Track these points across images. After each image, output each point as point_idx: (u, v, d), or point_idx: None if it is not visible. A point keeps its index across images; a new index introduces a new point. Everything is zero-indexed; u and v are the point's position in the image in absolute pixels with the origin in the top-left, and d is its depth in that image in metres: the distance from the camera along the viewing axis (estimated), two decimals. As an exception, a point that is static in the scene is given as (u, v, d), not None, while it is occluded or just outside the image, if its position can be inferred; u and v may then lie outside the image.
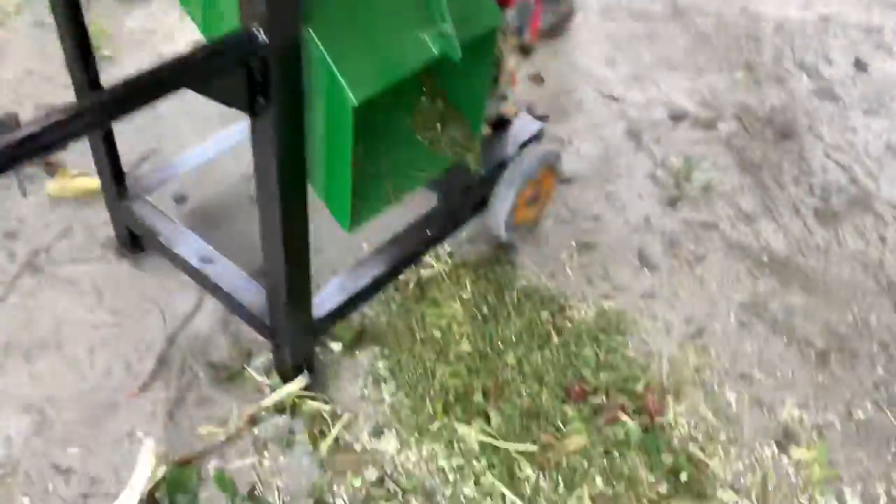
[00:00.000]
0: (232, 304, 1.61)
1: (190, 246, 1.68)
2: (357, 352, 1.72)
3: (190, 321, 1.74)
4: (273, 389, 1.61)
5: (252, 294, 1.57)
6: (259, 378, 1.64)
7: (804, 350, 1.86)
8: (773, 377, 1.80)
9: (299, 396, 1.60)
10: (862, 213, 2.21)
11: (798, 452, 1.66)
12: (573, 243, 2.03)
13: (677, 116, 2.47)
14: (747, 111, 2.52)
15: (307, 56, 1.12)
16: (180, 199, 2.00)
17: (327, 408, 1.61)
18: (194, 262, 1.65)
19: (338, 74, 1.12)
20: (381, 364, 1.70)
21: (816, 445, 1.67)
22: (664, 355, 1.80)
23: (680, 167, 2.28)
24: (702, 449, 1.64)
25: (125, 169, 1.73)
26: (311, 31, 1.11)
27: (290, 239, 1.32)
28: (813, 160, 2.37)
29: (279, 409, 1.59)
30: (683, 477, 1.58)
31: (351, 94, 1.13)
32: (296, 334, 1.53)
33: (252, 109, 1.15)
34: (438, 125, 1.37)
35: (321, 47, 1.12)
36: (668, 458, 1.60)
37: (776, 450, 1.66)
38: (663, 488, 1.56)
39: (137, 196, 1.75)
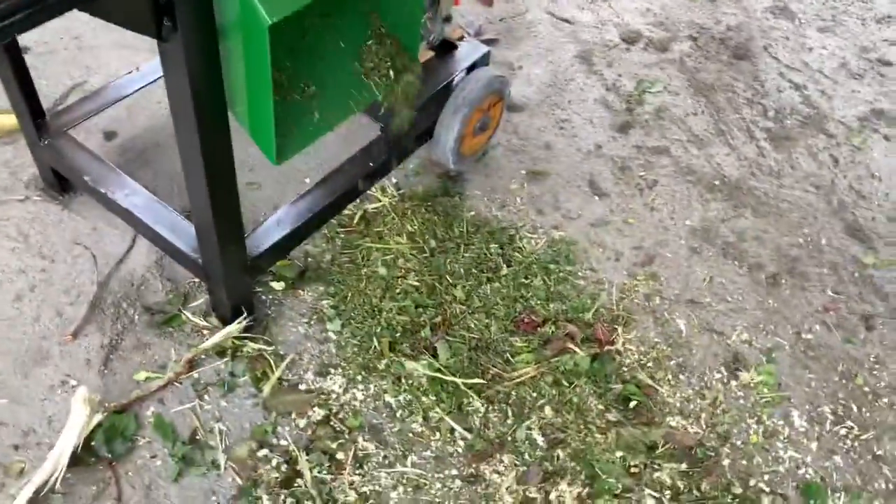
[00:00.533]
0: (164, 245, 1.53)
1: (118, 185, 1.59)
2: (300, 290, 1.67)
3: (123, 263, 1.67)
4: (212, 332, 1.55)
5: (185, 234, 1.50)
6: (197, 321, 1.58)
7: (755, 274, 1.85)
8: (724, 301, 1.79)
9: (240, 338, 1.55)
10: (815, 133, 2.18)
11: (747, 376, 1.66)
12: (523, 172, 1.98)
13: (630, 38, 2.40)
14: (702, 31, 2.46)
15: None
16: (110, 135, 1.90)
17: (269, 349, 1.56)
18: (123, 201, 1.56)
19: (250, -7, 1.03)
20: (325, 302, 1.65)
21: (765, 368, 1.67)
22: (614, 283, 1.78)
23: (632, 91, 2.22)
24: (651, 376, 1.63)
25: (52, 105, 1.62)
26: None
27: (213, 173, 1.25)
28: (767, 81, 2.32)
29: (219, 352, 1.54)
30: (632, 404, 1.58)
31: (264, 14, 1.04)
32: (230, 274, 1.46)
33: (159, 33, 1.06)
34: (374, 48, 1.28)
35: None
36: (617, 386, 1.59)
37: (725, 374, 1.66)
38: (612, 416, 1.55)
39: (60, 133, 1.65)
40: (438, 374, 1.54)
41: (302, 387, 1.53)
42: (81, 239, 1.69)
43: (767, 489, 1.50)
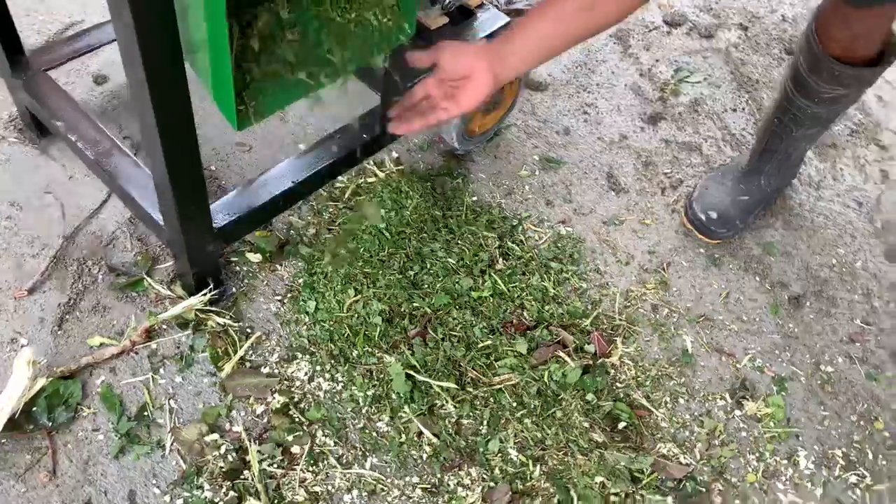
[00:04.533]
0: (133, 205, 1.42)
1: (92, 135, 1.48)
2: (278, 265, 1.55)
3: (94, 218, 1.56)
4: (175, 301, 1.45)
5: (148, 188, 1.38)
6: (160, 289, 1.47)
7: (777, 293, 1.68)
8: (739, 321, 1.63)
9: (204, 311, 1.45)
10: (865, 143, 1.98)
11: (753, 406, 1.51)
12: (536, 158, 1.82)
13: (674, 21, 2.21)
14: (754, 20, 2.26)
15: None
16: (100, 80, 1.79)
17: (236, 325, 1.45)
18: (93, 153, 1.45)
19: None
20: (302, 281, 1.53)
21: (775, 400, 1.52)
22: (620, 289, 1.63)
23: (668, 79, 2.04)
24: (647, 396, 1.49)
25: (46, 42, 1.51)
26: None
27: (168, 130, 1.12)
28: (819, 81, 2.11)
29: (181, 323, 1.43)
30: (621, 425, 1.44)
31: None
32: (192, 243, 1.34)
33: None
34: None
35: None
36: (607, 404, 1.45)
37: (730, 401, 1.51)
38: (598, 436, 1.41)
39: (38, 72, 1.54)
40: (411, 372, 1.42)
41: (265, 370, 1.42)
42: (54, 188, 1.59)
43: (759, 535, 1.36)
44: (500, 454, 1.38)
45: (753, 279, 1.70)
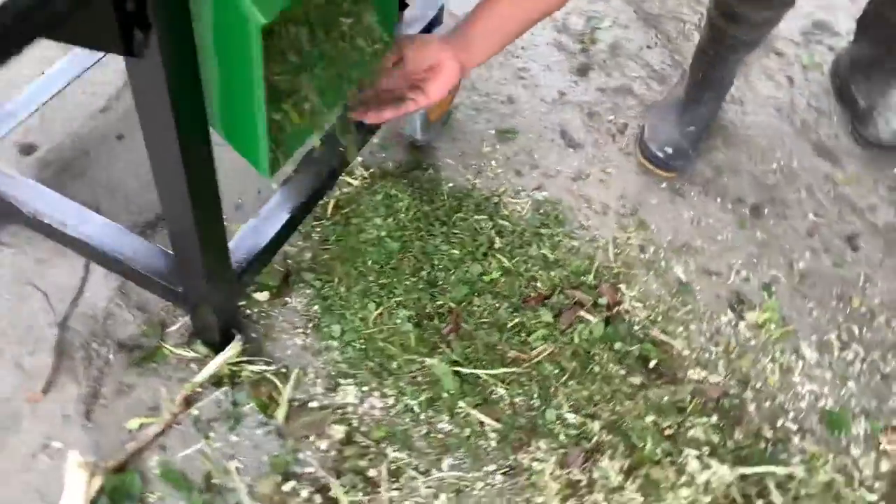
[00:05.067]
0: (124, 270, 1.34)
1: (53, 206, 1.37)
2: (288, 298, 1.52)
3: (81, 297, 1.47)
4: (201, 361, 1.40)
5: (147, 254, 1.31)
6: (181, 352, 1.41)
7: (738, 208, 1.83)
8: (715, 242, 1.76)
9: (235, 363, 1.41)
10: (766, 54, 2.15)
11: (753, 315, 1.65)
12: (492, 132, 1.86)
13: (568, -28, 2.28)
14: (636, -43, 2.37)
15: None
16: (26, 149, 1.66)
17: (270, 369, 1.42)
18: (68, 229, 1.35)
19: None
20: (317, 307, 1.51)
21: (767, 305, 1.66)
22: (607, 239, 1.72)
23: (583, 29, 2.13)
24: (664, 331, 1.59)
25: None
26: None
27: (197, 192, 1.08)
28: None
29: (215, 382, 1.39)
30: (652, 363, 1.54)
31: (257, 14, 0.88)
32: (216, 294, 1.30)
33: (129, 49, 0.87)
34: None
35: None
36: (634, 347, 1.55)
37: (732, 316, 1.64)
38: (636, 379, 1.51)
39: (-27, 159, 1.41)
40: (456, 367, 1.45)
41: (313, 405, 1.41)
42: (26, 276, 1.47)
43: (795, 427, 1.51)
44: (558, 421, 1.44)
45: (715, 201, 1.83)
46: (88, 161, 1.65)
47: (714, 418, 1.48)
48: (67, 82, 1.61)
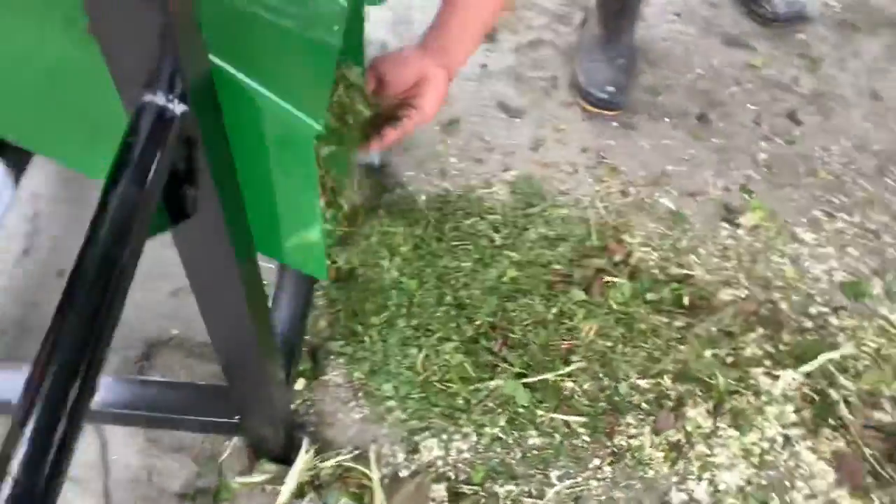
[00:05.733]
0: (175, 424, 1.20)
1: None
2: (324, 376, 1.42)
3: (113, 464, 1.30)
4: (274, 479, 1.28)
5: (199, 398, 1.18)
6: (247, 479, 1.29)
7: (687, 122, 1.86)
8: (682, 162, 1.79)
9: (310, 468, 1.30)
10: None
11: (745, 220, 1.70)
12: (437, 128, 1.78)
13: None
14: None
15: (228, 101, 0.72)
16: (-37, 327, 1.43)
17: (346, 456, 1.33)
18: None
19: (284, 104, 0.74)
20: (357, 374, 1.42)
21: (754, 205, 1.72)
22: (590, 196, 1.70)
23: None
24: (679, 265, 1.61)
25: None
26: (228, 66, 0.71)
27: (260, 329, 0.97)
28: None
29: (299, 494, 1.28)
30: (686, 300, 1.56)
31: (311, 121, 0.77)
32: (274, 408, 1.19)
33: (183, 211, 0.75)
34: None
35: (250, 81, 0.72)
36: (664, 292, 1.56)
37: (729, 227, 1.69)
38: (679, 321, 1.52)
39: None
40: (525, 380, 1.41)
41: (403, 474, 1.33)
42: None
43: (827, 309, 1.58)
44: (633, 391, 1.44)
45: (664, 121, 1.85)
46: (41, 314, 1.45)
47: (760, 331, 1.52)
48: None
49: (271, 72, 0.75)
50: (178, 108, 0.64)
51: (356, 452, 1.34)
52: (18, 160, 1.45)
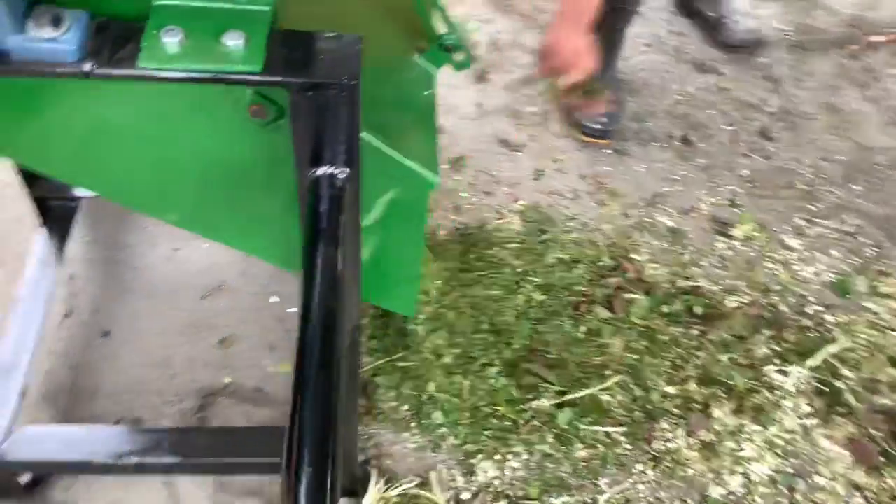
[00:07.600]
0: (229, 469, 1.25)
1: (114, 441, 1.23)
2: (375, 409, 1.48)
3: (182, 515, 1.33)
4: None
5: (243, 440, 1.24)
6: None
7: (672, 144, 2.00)
8: (674, 182, 1.93)
9: (379, 499, 1.36)
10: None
11: (738, 231, 1.84)
12: (446, 166, 1.88)
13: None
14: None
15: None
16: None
17: (410, 486, 1.39)
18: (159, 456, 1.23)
19: (408, 164, 0.83)
20: (407, 406, 1.49)
21: (743, 217, 1.86)
22: (595, 219, 1.82)
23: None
24: (685, 278, 1.74)
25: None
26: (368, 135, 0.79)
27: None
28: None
29: (377, 528, 1.34)
30: (699, 310, 1.68)
31: (430, 176, 0.85)
32: (350, 450, 1.26)
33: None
34: None
35: (382, 146, 0.81)
36: (677, 304, 1.68)
37: (724, 239, 1.82)
38: (695, 330, 1.65)
39: None
40: (565, 398, 1.50)
41: (466, 496, 1.40)
42: (113, 526, 1.31)
43: (821, 308, 1.72)
44: (663, 398, 1.55)
45: (652, 145, 1.99)
46: (88, 374, 1.47)
47: (766, 332, 1.66)
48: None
49: (396, 137, 0.83)
50: (342, 172, 0.72)
51: (418, 480, 1.41)
52: (62, 232, 1.48)
